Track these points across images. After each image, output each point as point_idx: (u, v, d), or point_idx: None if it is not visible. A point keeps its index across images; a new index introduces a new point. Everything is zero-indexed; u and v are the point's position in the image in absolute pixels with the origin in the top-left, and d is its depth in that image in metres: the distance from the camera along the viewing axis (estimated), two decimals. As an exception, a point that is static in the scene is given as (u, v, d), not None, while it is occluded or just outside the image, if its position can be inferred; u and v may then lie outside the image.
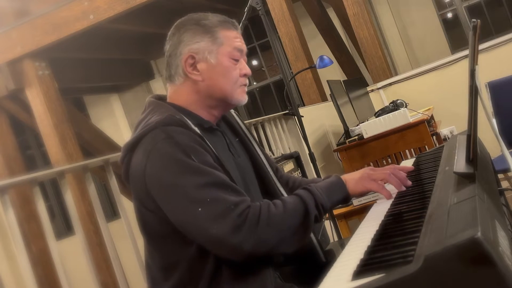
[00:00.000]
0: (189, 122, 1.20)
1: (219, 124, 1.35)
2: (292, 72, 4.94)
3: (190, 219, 1.09)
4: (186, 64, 1.26)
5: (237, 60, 1.29)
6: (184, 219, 1.11)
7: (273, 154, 2.98)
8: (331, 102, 3.43)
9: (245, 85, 1.32)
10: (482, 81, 2.62)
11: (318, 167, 2.77)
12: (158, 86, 8.30)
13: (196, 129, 1.19)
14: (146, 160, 1.13)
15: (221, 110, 1.33)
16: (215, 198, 1.08)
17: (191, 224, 1.10)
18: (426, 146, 3.05)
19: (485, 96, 2.99)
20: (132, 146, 1.19)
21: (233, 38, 1.28)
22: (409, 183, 1.27)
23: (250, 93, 7.84)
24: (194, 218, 1.08)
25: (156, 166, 1.12)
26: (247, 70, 1.31)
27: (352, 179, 1.26)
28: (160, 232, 1.19)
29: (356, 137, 3.21)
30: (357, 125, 3.41)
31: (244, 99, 1.32)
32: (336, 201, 1.24)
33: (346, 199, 1.26)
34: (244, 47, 1.31)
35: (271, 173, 1.41)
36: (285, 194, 1.37)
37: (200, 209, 1.08)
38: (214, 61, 1.25)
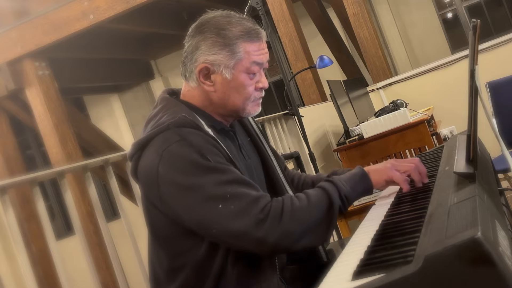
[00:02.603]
0: (203, 122, 1.19)
1: (232, 124, 1.34)
2: (292, 72, 4.94)
3: (211, 217, 1.08)
4: (200, 74, 1.22)
5: (254, 74, 1.25)
6: (203, 218, 1.10)
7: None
8: (331, 102, 3.42)
9: (260, 98, 1.29)
10: (482, 81, 2.63)
11: (318, 167, 2.77)
12: (158, 86, 8.31)
13: (209, 130, 1.18)
14: (159, 162, 1.12)
15: (233, 118, 1.32)
16: (235, 193, 1.08)
17: (212, 222, 1.09)
18: (426, 146, 3.05)
19: (485, 96, 2.99)
20: (143, 144, 1.17)
21: (253, 52, 1.23)
22: (427, 180, 1.26)
23: (250, 93, 7.81)
24: (215, 215, 1.08)
25: (170, 169, 1.11)
26: (264, 84, 1.27)
27: (375, 169, 1.25)
28: (168, 234, 1.18)
29: (356, 137, 3.21)
30: (357, 125, 3.40)
31: (256, 111, 1.30)
32: (360, 192, 1.23)
33: (369, 190, 1.25)
34: (265, 59, 1.26)
35: (281, 175, 1.40)
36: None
37: (220, 206, 1.07)
38: (229, 76, 1.21)
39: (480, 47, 4.05)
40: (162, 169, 1.11)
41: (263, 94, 1.30)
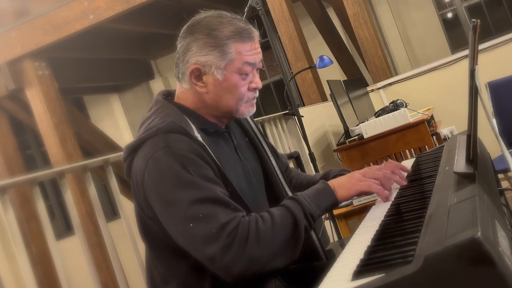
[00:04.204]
0: (193, 127, 1.19)
1: (228, 125, 1.33)
2: (292, 72, 4.94)
3: (182, 234, 1.09)
4: (192, 75, 1.22)
5: (247, 74, 1.23)
6: (176, 233, 1.11)
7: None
8: (331, 102, 3.43)
9: (253, 98, 1.28)
10: (482, 81, 2.62)
11: (318, 167, 2.77)
12: (158, 86, 8.31)
13: (199, 136, 1.17)
14: (145, 168, 1.13)
15: (227, 119, 1.31)
16: (207, 214, 1.07)
17: (183, 240, 1.10)
18: (426, 146, 3.05)
19: (485, 96, 2.99)
20: (134, 148, 1.18)
21: (245, 52, 1.21)
22: (404, 183, 1.26)
23: (250, 93, 7.82)
24: (186, 234, 1.08)
25: (153, 177, 1.12)
26: (257, 84, 1.26)
27: (341, 185, 1.23)
28: (159, 239, 1.19)
29: (356, 137, 3.21)
30: (357, 125, 3.40)
31: (250, 112, 1.29)
32: (325, 208, 1.21)
33: (335, 205, 1.23)
34: (257, 59, 1.24)
35: (280, 176, 1.38)
36: None
37: (191, 225, 1.07)
38: (221, 77, 1.21)
39: (480, 47, 4.05)
40: (147, 175, 1.12)
41: (257, 94, 1.29)
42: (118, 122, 8.45)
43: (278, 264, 1.10)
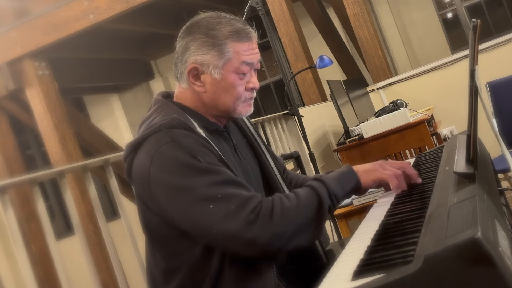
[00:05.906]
0: (195, 124, 1.19)
1: (227, 125, 1.34)
2: (292, 72, 4.94)
3: (202, 218, 1.08)
4: (190, 75, 1.23)
5: (244, 74, 1.24)
6: (194, 218, 1.09)
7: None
8: (331, 102, 3.43)
9: (251, 98, 1.29)
10: (482, 81, 2.62)
11: (318, 167, 2.77)
12: (158, 86, 8.31)
13: (201, 131, 1.18)
14: (150, 163, 1.12)
15: (225, 119, 1.32)
16: (226, 194, 1.08)
17: (202, 223, 1.08)
18: (426, 146, 3.05)
19: (485, 96, 2.99)
20: (136, 146, 1.18)
21: (243, 52, 1.22)
22: (419, 180, 1.27)
23: (250, 93, 7.82)
24: (206, 215, 1.07)
25: (161, 170, 1.11)
26: (255, 84, 1.27)
27: (363, 169, 1.25)
28: (163, 234, 1.18)
29: (356, 137, 3.21)
30: (357, 125, 3.40)
31: (247, 112, 1.29)
32: (349, 190, 1.23)
33: (357, 189, 1.25)
34: (255, 59, 1.25)
35: (278, 176, 1.39)
36: None
37: (211, 206, 1.07)
38: (219, 76, 1.22)
39: (480, 47, 4.05)
40: (154, 170, 1.12)
41: (254, 94, 1.30)
42: (118, 122, 8.45)
43: (300, 242, 1.11)
